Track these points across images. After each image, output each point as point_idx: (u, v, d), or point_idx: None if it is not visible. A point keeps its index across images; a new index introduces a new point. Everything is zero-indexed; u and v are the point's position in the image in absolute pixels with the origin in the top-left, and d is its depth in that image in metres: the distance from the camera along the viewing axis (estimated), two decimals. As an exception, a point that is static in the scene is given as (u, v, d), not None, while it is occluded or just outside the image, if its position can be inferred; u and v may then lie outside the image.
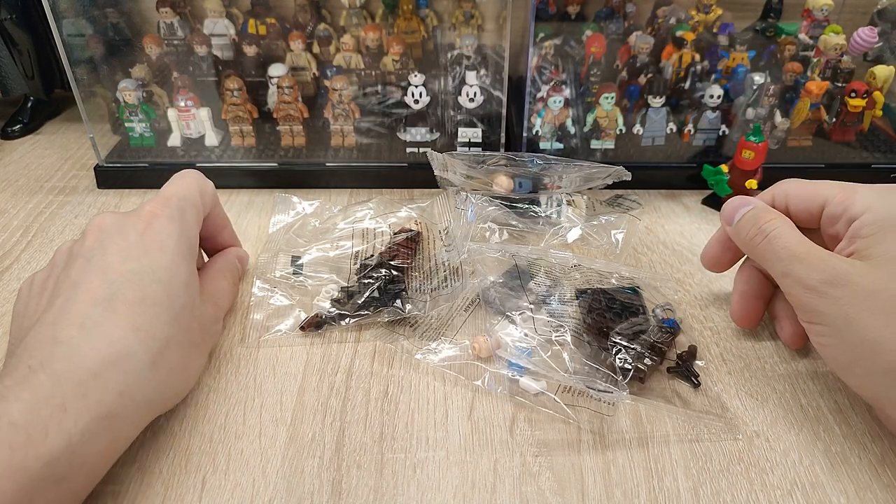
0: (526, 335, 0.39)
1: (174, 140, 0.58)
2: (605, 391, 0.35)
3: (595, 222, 0.49)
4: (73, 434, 0.27)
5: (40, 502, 0.26)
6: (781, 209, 0.38)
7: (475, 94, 0.56)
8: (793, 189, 0.38)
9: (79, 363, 0.28)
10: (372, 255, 0.46)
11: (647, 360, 0.37)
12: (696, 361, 0.39)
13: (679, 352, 0.39)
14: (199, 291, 0.36)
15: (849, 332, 0.31)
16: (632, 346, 0.38)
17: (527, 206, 0.50)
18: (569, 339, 0.39)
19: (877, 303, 0.31)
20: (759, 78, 0.56)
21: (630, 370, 0.36)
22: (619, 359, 0.37)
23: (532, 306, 0.41)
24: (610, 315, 0.40)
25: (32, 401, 0.27)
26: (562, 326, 0.39)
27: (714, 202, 0.55)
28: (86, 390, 0.28)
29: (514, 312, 0.41)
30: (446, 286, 0.43)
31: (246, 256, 0.45)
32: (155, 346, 0.31)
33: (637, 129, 0.58)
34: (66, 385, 0.28)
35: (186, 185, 0.38)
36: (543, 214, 0.50)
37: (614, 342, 0.38)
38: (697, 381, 0.38)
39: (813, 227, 0.37)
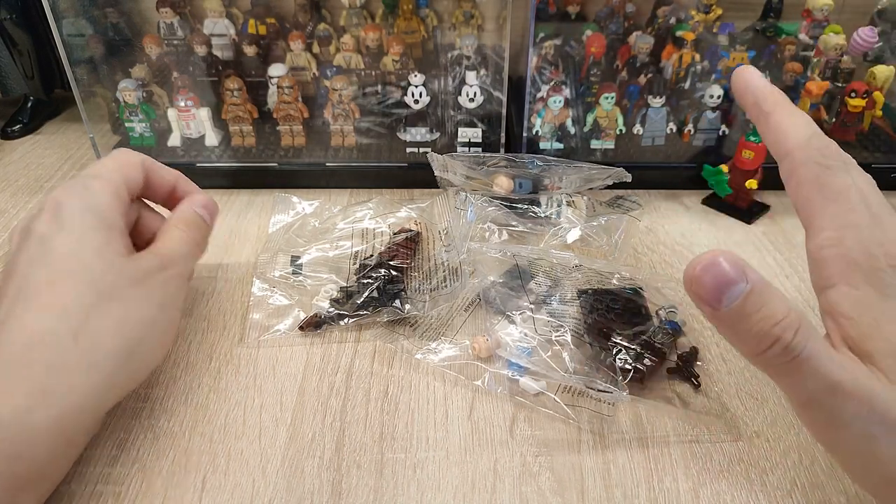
0: (526, 335, 0.39)
1: (174, 140, 0.58)
2: (604, 391, 0.35)
3: (595, 223, 0.49)
4: (3, 414, 0.27)
5: None
6: (783, 176, 0.32)
7: (475, 94, 0.56)
8: (800, 176, 0.31)
9: (1, 349, 0.29)
10: (371, 255, 0.46)
11: (646, 361, 0.37)
12: (697, 363, 0.39)
13: (680, 353, 0.39)
14: (121, 252, 0.34)
15: (875, 467, 0.26)
16: (632, 347, 0.38)
17: (526, 206, 0.50)
18: (569, 339, 0.39)
19: None
20: (759, 78, 0.56)
21: (630, 370, 0.36)
22: (620, 359, 0.37)
23: (532, 306, 0.41)
24: (611, 316, 0.40)
25: None
26: (562, 326, 0.39)
27: (714, 202, 0.55)
28: (10, 371, 0.28)
29: (514, 312, 0.41)
30: (446, 286, 0.43)
31: (205, 199, 0.41)
32: (74, 317, 0.31)
33: (637, 129, 0.58)
34: None
35: (104, 162, 0.38)
36: (543, 215, 0.50)
37: (615, 342, 0.38)
38: (698, 382, 0.38)
39: None
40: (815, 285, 0.29)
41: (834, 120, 0.57)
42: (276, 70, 0.56)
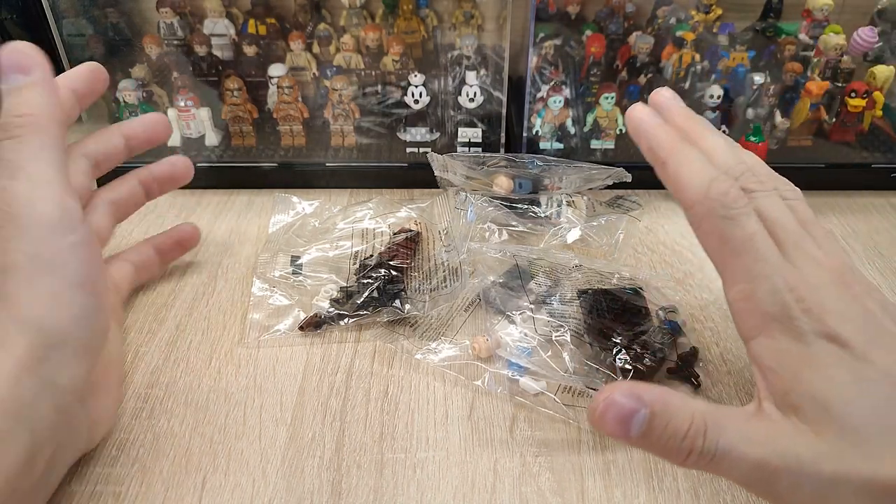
0: (526, 335, 0.39)
1: (174, 140, 0.58)
2: None
3: (595, 223, 0.49)
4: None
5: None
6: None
7: (475, 94, 0.56)
8: (702, 228, 0.31)
9: None
10: (371, 256, 0.46)
11: (646, 361, 0.37)
12: (697, 363, 0.39)
13: (680, 353, 0.39)
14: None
15: None
16: (632, 347, 0.38)
17: (526, 206, 0.50)
18: (569, 339, 0.39)
19: (843, 492, 0.25)
20: (759, 78, 0.56)
21: (630, 370, 0.36)
22: (620, 359, 0.37)
23: (532, 306, 0.41)
24: (611, 316, 0.40)
25: None
26: (562, 326, 0.39)
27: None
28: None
29: (514, 312, 0.41)
30: (445, 286, 0.43)
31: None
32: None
33: (637, 129, 0.58)
34: None
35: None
36: (543, 215, 0.50)
37: (614, 343, 0.38)
38: (698, 382, 0.38)
39: None
40: (739, 335, 0.30)
41: (834, 120, 0.57)
42: (276, 70, 0.56)
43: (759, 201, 0.30)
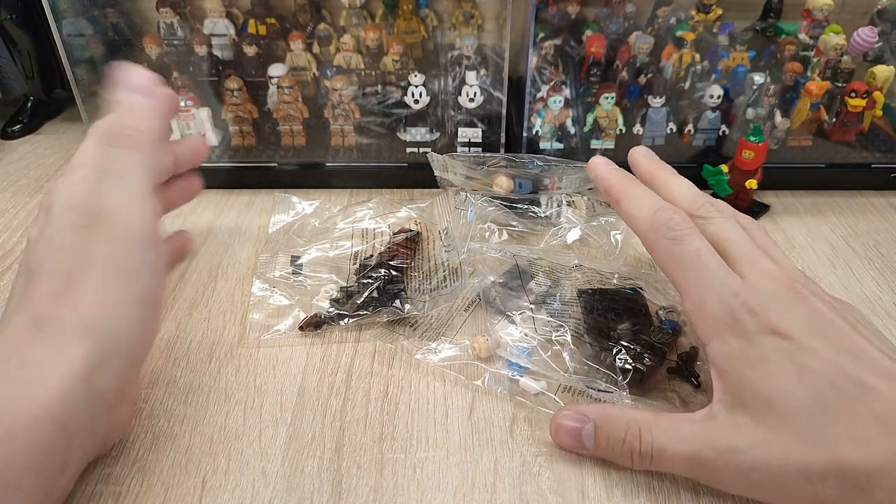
0: (526, 335, 0.39)
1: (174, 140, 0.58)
2: (605, 391, 0.35)
3: (594, 223, 0.49)
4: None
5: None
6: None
7: (475, 94, 0.56)
8: (652, 254, 0.35)
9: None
10: (371, 256, 0.46)
11: (646, 361, 0.37)
12: (697, 362, 0.39)
13: (680, 352, 0.39)
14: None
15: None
16: (632, 347, 0.38)
17: (526, 206, 0.50)
18: (569, 339, 0.39)
19: (781, 478, 0.28)
20: (759, 78, 0.56)
21: (630, 370, 0.36)
22: (620, 359, 0.37)
23: (532, 306, 0.41)
24: (611, 315, 0.40)
25: None
26: (562, 326, 0.39)
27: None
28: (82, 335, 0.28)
29: (514, 312, 0.41)
30: (445, 286, 0.43)
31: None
32: (131, 306, 0.31)
33: (637, 129, 0.58)
34: None
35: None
36: (543, 215, 0.50)
37: (615, 342, 0.38)
38: (698, 381, 0.38)
39: None
40: (699, 344, 0.33)
41: (834, 120, 0.57)
42: (276, 70, 0.56)
43: (715, 224, 0.34)
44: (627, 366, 0.37)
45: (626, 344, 0.38)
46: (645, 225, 0.35)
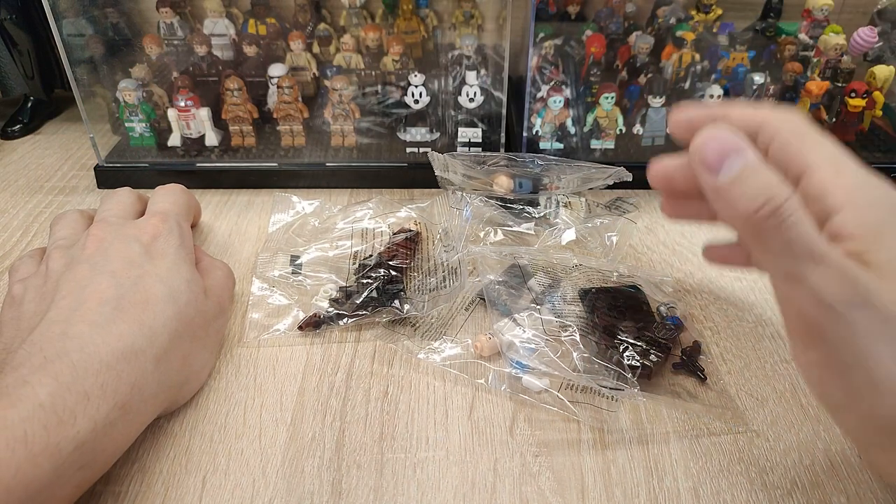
0: (534, 335, 0.39)
1: (174, 140, 0.58)
2: (616, 389, 0.36)
3: (590, 224, 0.49)
4: (98, 420, 0.28)
5: (66, 488, 0.28)
6: (762, 148, 0.30)
7: (475, 94, 0.56)
8: (784, 132, 0.30)
9: (93, 355, 0.30)
10: (371, 255, 0.46)
11: (653, 357, 0.37)
12: (701, 356, 0.39)
13: (683, 347, 0.39)
14: (202, 289, 0.37)
15: (857, 367, 0.25)
16: (638, 343, 0.38)
17: (522, 206, 0.50)
18: (577, 338, 0.39)
19: (893, 332, 0.24)
20: (759, 78, 0.56)
21: (638, 367, 0.37)
22: (627, 356, 0.37)
23: (536, 306, 0.41)
24: (614, 313, 0.40)
25: (56, 386, 0.28)
26: (570, 326, 0.39)
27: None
28: (103, 381, 0.29)
29: (519, 312, 0.41)
30: (445, 286, 0.43)
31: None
32: (160, 343, 0.32)
33: (637, 129, 0.58)
34: (85, 374, 0.29)
35: (177, 199, 0.43)
36: (538, 216, 0.50)
37: (621, 340, 0.38)
38: (703, 375, 0.38)
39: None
40: (817, 219, 0.27)
41: (834, 120, 0.57)
42: (276, 70, 0.56)
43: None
44: (635, 362, 0.37)
45: (631, 341, 0.38)
46: (773, 112, 0.31)
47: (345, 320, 0.41)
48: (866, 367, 0.25)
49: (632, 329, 0.39)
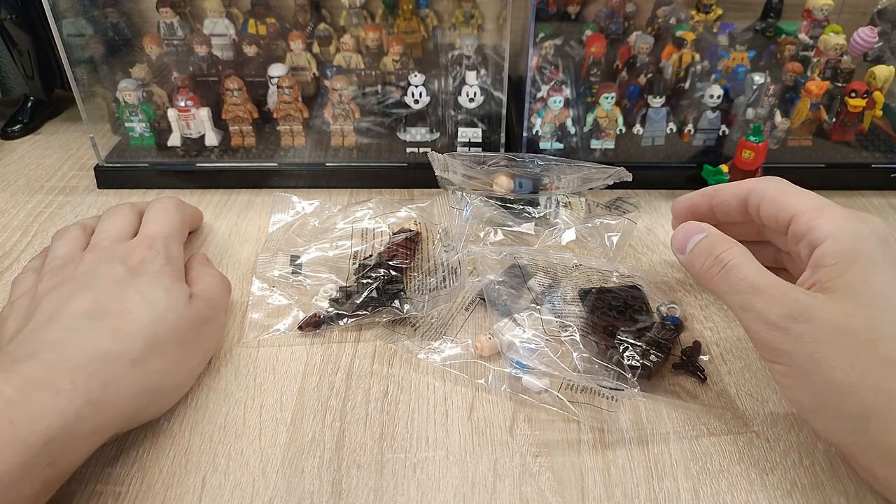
0: (534, 335, 0.39)
1: (174, 140, 0.58)
2: (616, 389, 0.36)
3: (590, 224, 0.49)
4: (68, 416, 0.29)
5: (34, 484, 0.28)
6: (753, 211, 0.37)
7: (475, 94, 0.56)
8: (769, 193, 0.36)
9: (64, 355, 0.31)
10: (371, 255, 0.46)
11: (653, 357, 0.37)
12: (701, 356, 0.39)
13: (683, 347, 0.39)
14: (185, 294, 0.37)
15: (815, 373, 0.29)
16: (638, 344, 0.38)
17: (522, 206, 0.50)
18: (577, 338, 0.39)
19: (843, 340, 0.29)
20: (759, 78, 0.56)
21: (638, 367, 0.37)
22: (627, 356, 0.37)
23: (536, 306, 0.41)
24: (614, 313, 0.40)
25: (24, 383, 0.29)
26: (570, 327, 0.39)
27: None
28: (74, 377, 0.30)
29: (519, 312, 0.41)
30: (445, 286, 0.43)
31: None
32: (136, 347, 0.33)
33: (637, 129, 0.58)
34: (55, 371, 0.30)
35: (169, 219, 0.43)
36: (538, 216, 0.50)
37: (621, 340, 0.38)
38: (703, 375, 0.38)
39: (780, 235, 0.36)
40: (808, 251, 0.33)
41: (834, 120, 0.57)
42: (276, 70, 0.56)
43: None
44: (635, 363, 0.37)
45: (631, 341, 0.38)
46: (764, 180, 0.38)
47: (345, 320, 0.41)
48: (823, 372, 0.29)
49: (632, 329, 0.39)
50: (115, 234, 0.41)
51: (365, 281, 0.43)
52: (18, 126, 0.68)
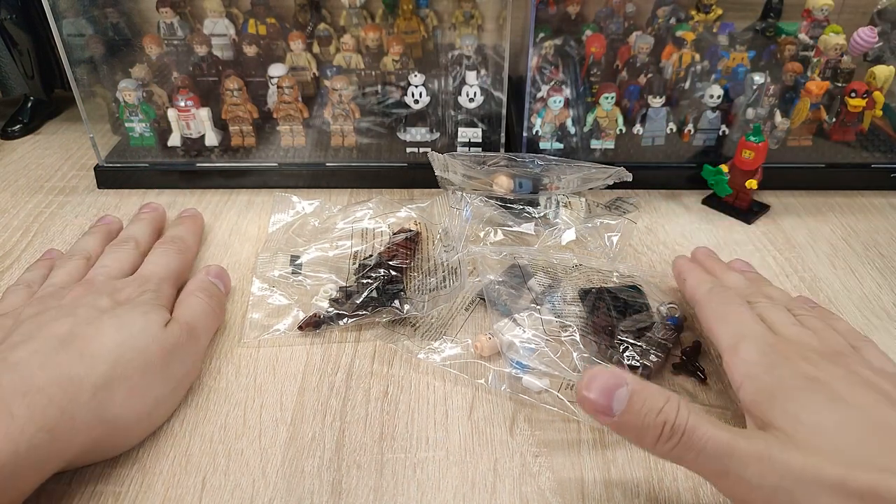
0: (534, 335, 0.39)
1: (174, 140, 0.58)
2: None
3: (590, 224, 0.49)
4: (20, 443, 0.28)
5: None
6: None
7: (475, 94, 0.56)
8: (700, 314, 0.38)
9: (24, 377, 0.30)
10: (371, 255, 0.46)
11: (653, 357, 0.37)
12: (700, 356, 0.39)
13: (683, 348, 0.39)
14: (162, 319, 0.36)
15: None
16: (638, 344, 0.38)
17: (521, 206, 0.50)
18: (577, 338, 0.39)
19: (811, 488, 0.26)
20: (759, 78, 0.56)
21: (638, 367, 0.37)
22: (627, 356, 0.37)
23: (536, 306, 0.41)
24: (614, 314, 0.40)
25: None
26: (570, 327, 0.39)
27: (714, 202, 0.55)
28: (30, 401, 0.29)
29: (519, 312, 0.41)
30: (445, 286, 0.43)
31: (217, 269, 0.43)
32: (100, 370, 0.32)
33: (637, 129, 0.58)
34: (13, 395, 0.29)
35: (168, 264, 0.42)
36: (538, 216, 0.50)
37: (621, 340, 0.38)
38: (703, 375, 0.38)
39: None
40: (702, 338, 0.37)
41: (834, 120, 0.57)
42: (276, 70, 0.56)
43: (761, 307, 0.37)
44: (635, 363, 0.37)
45: (631, 341, 0.38)
46: (703, 293, 0.39)
47: (345, 320, 0.41)
48: None
49: (632, 329, 0.39)
50: (112, 272, 0.40)
51: (365, 281, 0.43)
52: (18, 126, 0.68)
